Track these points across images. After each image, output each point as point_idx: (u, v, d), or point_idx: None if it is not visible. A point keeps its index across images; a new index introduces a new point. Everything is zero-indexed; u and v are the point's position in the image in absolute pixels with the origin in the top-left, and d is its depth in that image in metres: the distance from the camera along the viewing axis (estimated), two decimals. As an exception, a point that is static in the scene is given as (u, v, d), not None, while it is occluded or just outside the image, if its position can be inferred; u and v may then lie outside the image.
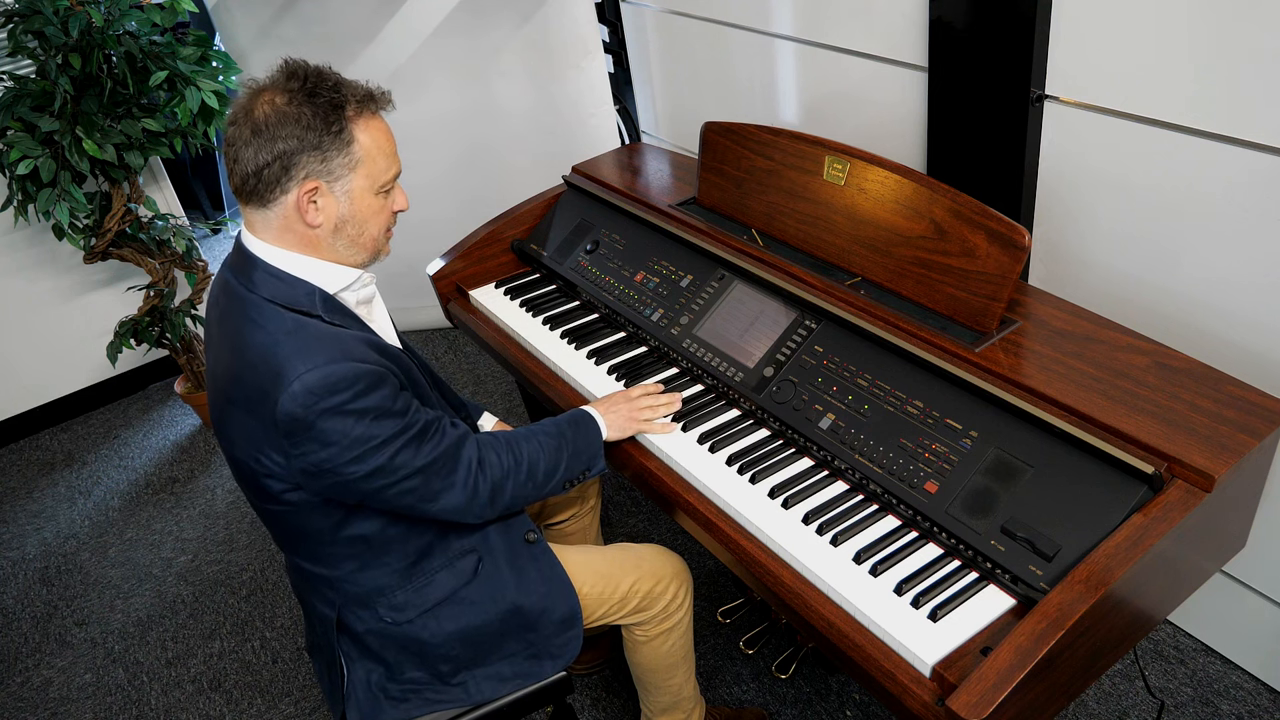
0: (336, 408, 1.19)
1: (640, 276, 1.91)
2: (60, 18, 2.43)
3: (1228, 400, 1.29)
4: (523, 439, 1.44)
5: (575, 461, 1.49)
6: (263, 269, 1.27)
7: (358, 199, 1.27)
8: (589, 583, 1.54)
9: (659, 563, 1.60)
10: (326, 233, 1.28)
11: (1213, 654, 1.93)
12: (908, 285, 1.57)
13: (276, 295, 1.26)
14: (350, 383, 1.20)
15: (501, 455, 1.40)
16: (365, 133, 1.25)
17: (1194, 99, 1.47)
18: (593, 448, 1.51)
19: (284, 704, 2.17)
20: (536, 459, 1.43)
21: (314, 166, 1.22)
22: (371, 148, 1.25)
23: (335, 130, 1.22)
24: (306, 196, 1.23)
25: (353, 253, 1.32)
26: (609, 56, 3.17)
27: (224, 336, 1.29)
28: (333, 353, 1.21)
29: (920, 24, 1.82)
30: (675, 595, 1.60)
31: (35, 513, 2.95)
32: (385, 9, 2.88)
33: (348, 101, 1.23)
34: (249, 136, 1.21)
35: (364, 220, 1.29)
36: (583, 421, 1.52)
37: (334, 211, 1.26)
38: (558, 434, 1.48)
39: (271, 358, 1.20)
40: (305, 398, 1.18)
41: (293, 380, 1.18)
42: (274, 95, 1.21)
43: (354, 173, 1.25)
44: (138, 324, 2.91)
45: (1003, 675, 1.04)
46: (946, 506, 1.30)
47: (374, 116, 1.27)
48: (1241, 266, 1.52)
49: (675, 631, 1.63)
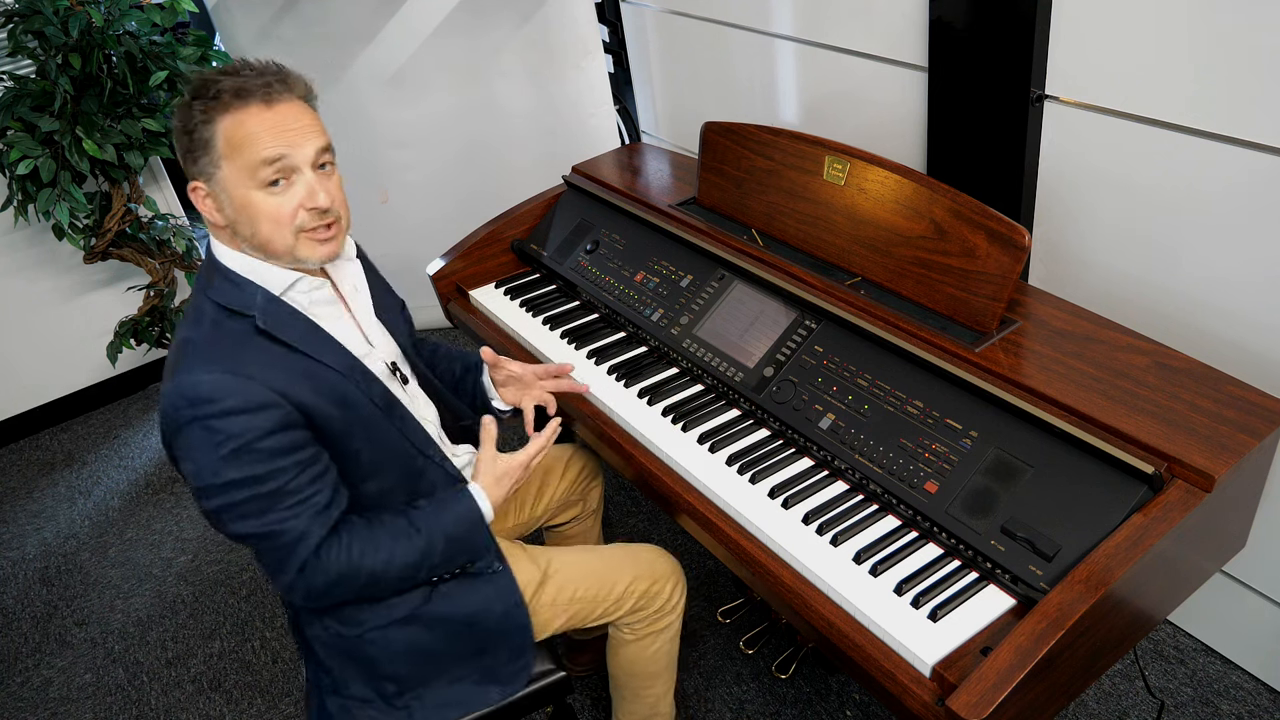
0: (199, 418, 1.16)
1: (640, 276, 1.91)
2: (60, 18, 2.43)
3: (1228, 400, 1.29)
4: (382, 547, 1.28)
5: (446, 565, 1.37)
6: (218, 270, 1.27)
7: (235, 197, 1.22)
8: (584, 584, 1.53)
9: (656, 563, 1.59)
10: (230, 234, 1.26)
11: (1213, 654, 1.93)
12: (908, 285, 1.57)
13: (221, 297, 1.25)
14: (221, 396, 1.16)
15: (343, 554, 1.26)
16: (229, 126, 1.19)
17: (1194, 99, 1.47)
18: (472, 550, 1.40)
19: (284, 704, 2.17)
20: (384, 570, 1.29)
21: (192, 168, 1.22)
22: (233, 139, 1.19)
23: (191, 129, 1.20)
24: (196, 197, 1.24)
25: (263, 255, 1.27)
26: (609, 56, 3.17)
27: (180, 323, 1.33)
28: (227, 362, 1.18)
29: (920, 24, 1.82)
30: (670, 596, 1.59)
31: (35, 513, 2.95)
32: (385, 9, 2.88)
33: (212, 96, 1.19)
34: None
35: (250, 220, 1.23)
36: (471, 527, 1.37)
37: (221, 211, 1.24)
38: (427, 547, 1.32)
39: (179, 356, 1.21)
40: (175, 399, 1.16)
41: (174, 377, 1.18)
42: (179, 101, 1.24)
43: (220, 170, 1.21)
44: (138, 324, 2.91)
45: (1003, 675, 1.05)
46: (946, 506, 1.30)
47: (246, 107, 1.19)
48: (1241, 266, 1.52)
49: (664, 635, 1.62)
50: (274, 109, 1.21)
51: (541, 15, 2.99)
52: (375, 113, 3.05)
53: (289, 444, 1.20)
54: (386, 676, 1.40)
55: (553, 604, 1.52)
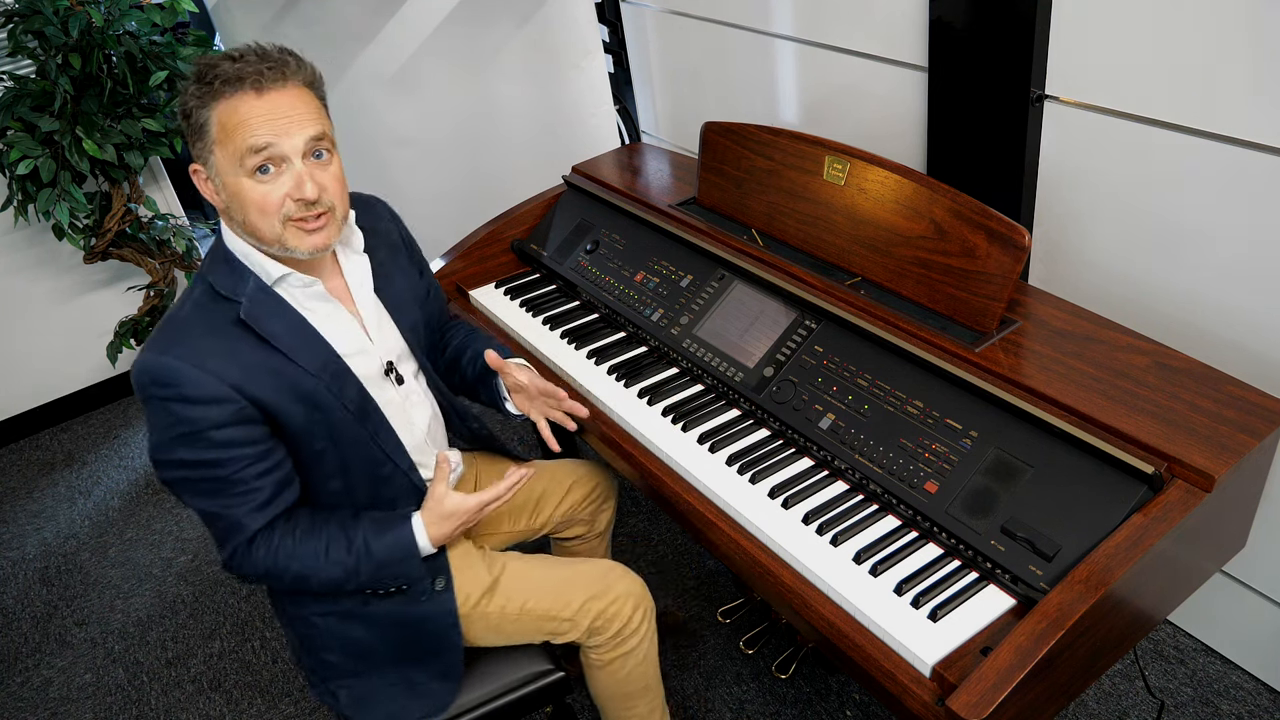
0: (159, 398, 1.21)
1: (640, 276, 1.91)
2: (60, 18, 2.43)
3: (1228, 400, 1.29)
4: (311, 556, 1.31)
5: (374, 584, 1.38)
6: (222, 254, 1.31)
7: (227, 183, 1.24)
8: (534, 597, 1.51)
9: (616, 583, 1.54)
10: (228, 218, 1.29)
11: (1213, 654, 1.93)
12: (908, 285, 1.57)
13: (216, 280, 1.28)
14: (173, 382, 1.20)
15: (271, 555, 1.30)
16: (223, 113, 1.21)
17: (1194, 99, 1.47)
18: (402, 578, 1.39)
19: (284, 704, 2.17)
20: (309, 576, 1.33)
21: (192, 151, 1.26)
22: (225, 126, 1.21)
23: (189, 113, 1.23)
24: (197, 179, 1.27)
25: (254, 242, 1.28)
26: (609, 56, 3.17)
27: None
28: (189, 350, 1.22)
29: (920, 24, 1.82)
30: (630, 619, 1.53)
31: (35, 513, 2.95)
32: (385, 8, 2.88)
33: (207, 81, 1.21)
34: None
35: (240, 207, 1.25)
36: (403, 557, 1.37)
37: (217, 195, 1.27)
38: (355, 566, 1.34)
39: (160, 327, 1.26)
40: (139, 374, 1.22)
41: (147, 352, 1.22)
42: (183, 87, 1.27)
43: (214, 155, 1.23)
44: (138, 324, 2.92)
45: (1003, 675, 1.05)
46: (946, 506, 1.30)
47: (238, 93, 1.20)
48: (1242, 266, 1.52)
49: (633, 658, 1.56)
50: (264, 97, 1.22)
51: (541, 15, 2.98)
52: (375, 113, 3.04)
53: (240, 437, 1.24)
54: (321, 660, 1.45)
55: (500, 613, 1.50)
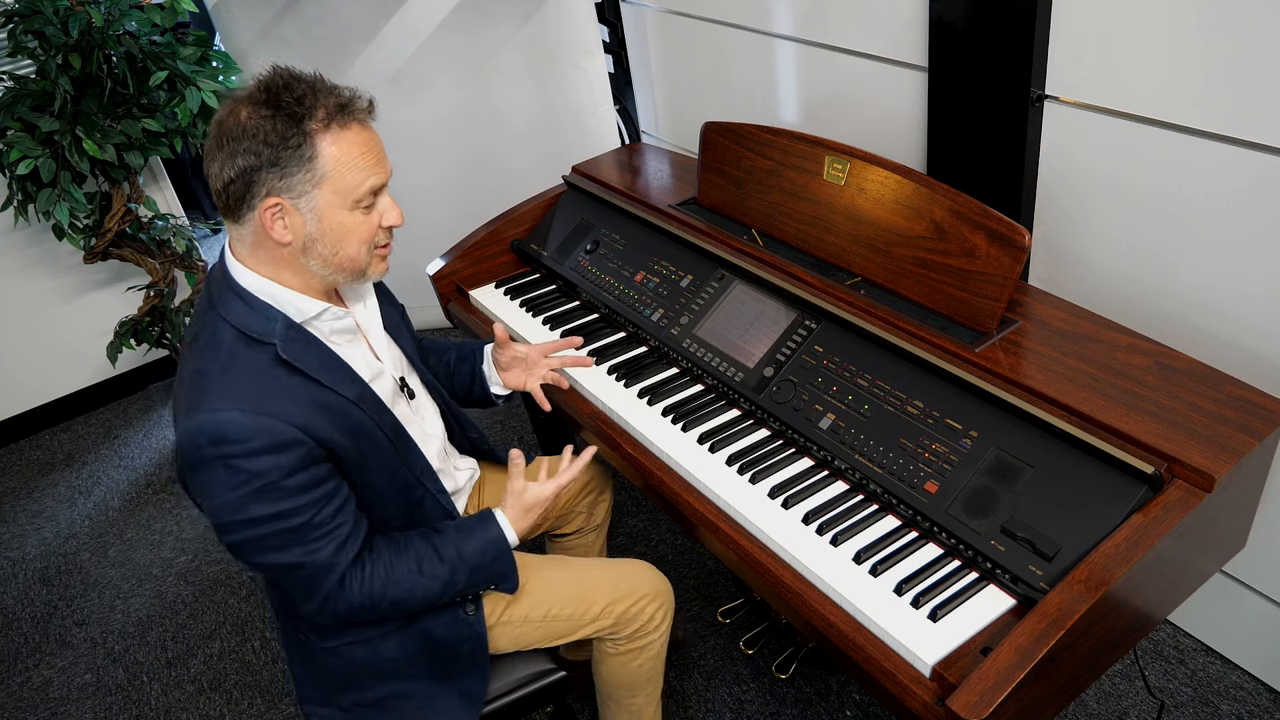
0: (222, 457, 1.13)
1: (640, 276, 1.91)
2: (60, 18, 2.43)
3: (1228, 400, 1.29)
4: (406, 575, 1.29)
5: (469, 590, 1.38)
6: (231, 288, 1.22)
7: (326, 216, 1.18)
8: (559, 604, 1.49)
9: (638, 583, 1.54)
10: (296, 251, 1.20)
11: (1213, 654, 1.93)
12: (908, 285, 1.57)
13: (239, 319, 1.20)
14: (246, 436, 1.13)
15: (366, 584, 1.27)
16: (334, 145, 1.16)
17: (1194, 99, 1.47)
18: (495, 577, 1.39)
19: (284, 704, 2.17)
20: (407, 598, 1.30)
21: (274, 183, 1.15)
22: (340, 161, 1.16)
23: (294, 145, 1.14)
24: (270, 214, 1.16)
25: (328, 272, 1.24)
26: (609, 56, 3.17)
27: (185, 345, 1.28)
28: (249, 400, 1.14)
29: (920, 24, 1.82)
30: (652, 617, 1.54)
31: (35, 513, 2.95)
32: (385, 9, 2.88)
33: (311, 113, 1.15)
34: (214, 151, 1.16)
35: (337, 239, 1.20)
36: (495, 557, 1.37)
37: (302, 230, 1.18)
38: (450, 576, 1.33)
39: (195, 387, 1.17)
40: (197, 437, 1.13)
41: (195, 414, 1.14)
42: (241, 108, 1.16)
43: (319, 189, 1.16)
44: (138, 324, 2.92)
45: (1003, 675, 1.05)
46: (946, 506, 1.30)
47: (346, 127, 1.17)
48: (1242, 266, 1.52)
49: (646, 652, 1.57)
50: (368, 129, 1.22)
51: (541, 15, 2.98)
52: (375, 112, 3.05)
53: (313, 479, 1.19)
54: (338, 687, 1.42)
55: (525, 620, 1.49)
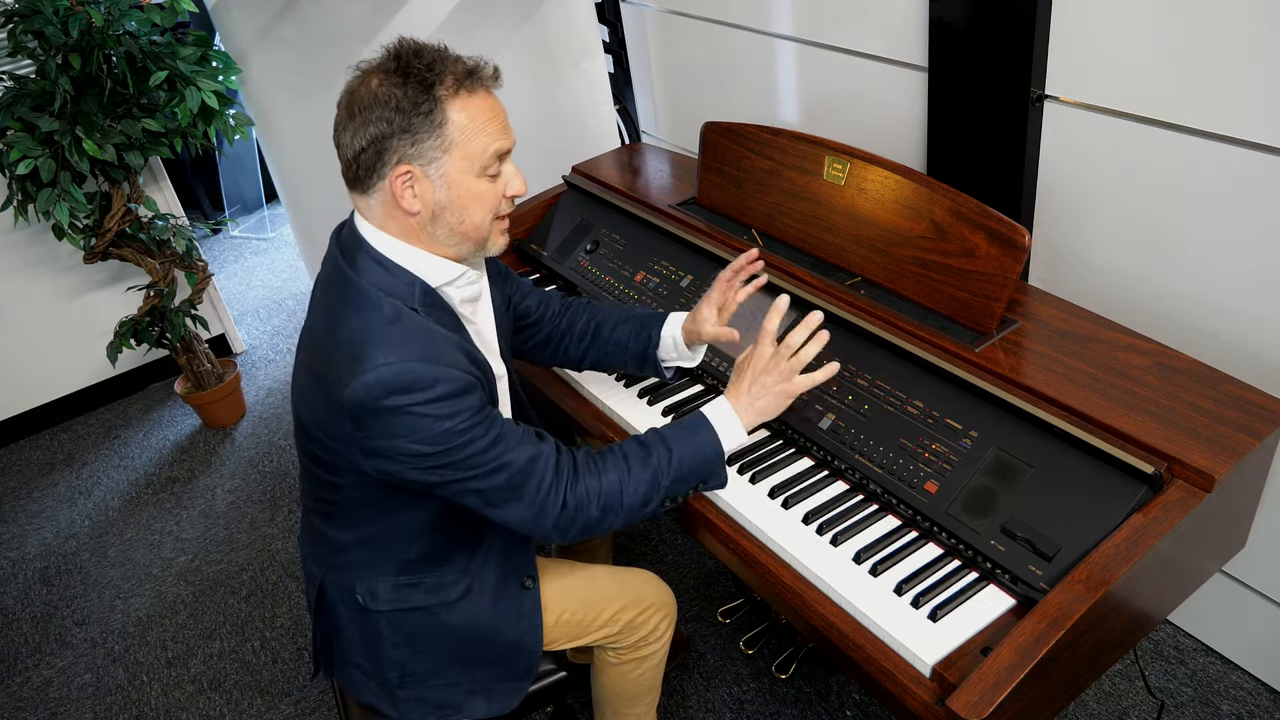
0: (405, 407, 1.14)
1: (640, 276, 1.91)
2: (60, 18, 2.43)
3: (1228, 400, 1.29)
4: (612, 466, 1.28)
5: (678, 486, 1.31)
6: (367, 253, 1.24)
7: (455, 183, 1.20)
8: (569, 609, 1.49)
9: (645, 592, 1.55)
10: (425, 220, 1.22)
11: (1213, 654, 1.93)
12: (908, 285, 1.57)
13: (378, 283, 1.22)
14: (427, 384, 1.15)
15: (580, 486, 1.26)
16: (461, 111, 1.17)
17: (1194, 99, 1.47)
18: (705, 468, 1.32)
19: (284, 704, 2.17)
20: (619, 491, 1.27)
21: (405, 150, 1.16)
22: (467, 127, 1.18)
23: (425, 111, 1.15)
24: (401, 181, 1.18)
25: (454, 242, 1.25)
26: (609, 56, 3.17)
27: (324, 306, 1.27)
28: (421, 351, 1.16)
29: (920, 24, 1.82)
30: (656, 627, 1.55)
31: (35, 513, 2.95)
32: (385, 9, 2.88)
33: (440, 79, 1.16)
34: (345, 121, 1.19)
35: (464, 206, 1.22)
36: (698, 434, 1.32)
37: (431, 197, 1.20)
38: (655, 459, 1.29)
39: (361, 343, 1.17)
40: (377, 389, 1.14)
41: (370, 370, 1.14)
42: (371, 77, 1.18)
43: (448, 155, 1.18)
44: (138, 324, 2.91)
45: (1003, 675, 1.05)
46: (946, 506, 1.30)
47: (474, 93, 1.19)
48: (1241, 266, 1.52)
49: (648, 662, 1.58)
50: (494, 97, 1.23)
51: (541, 15, 2.98)
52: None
53: (490, 413, 1.22)
54: (387, 661, 1.41)
55: None
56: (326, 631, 1.46)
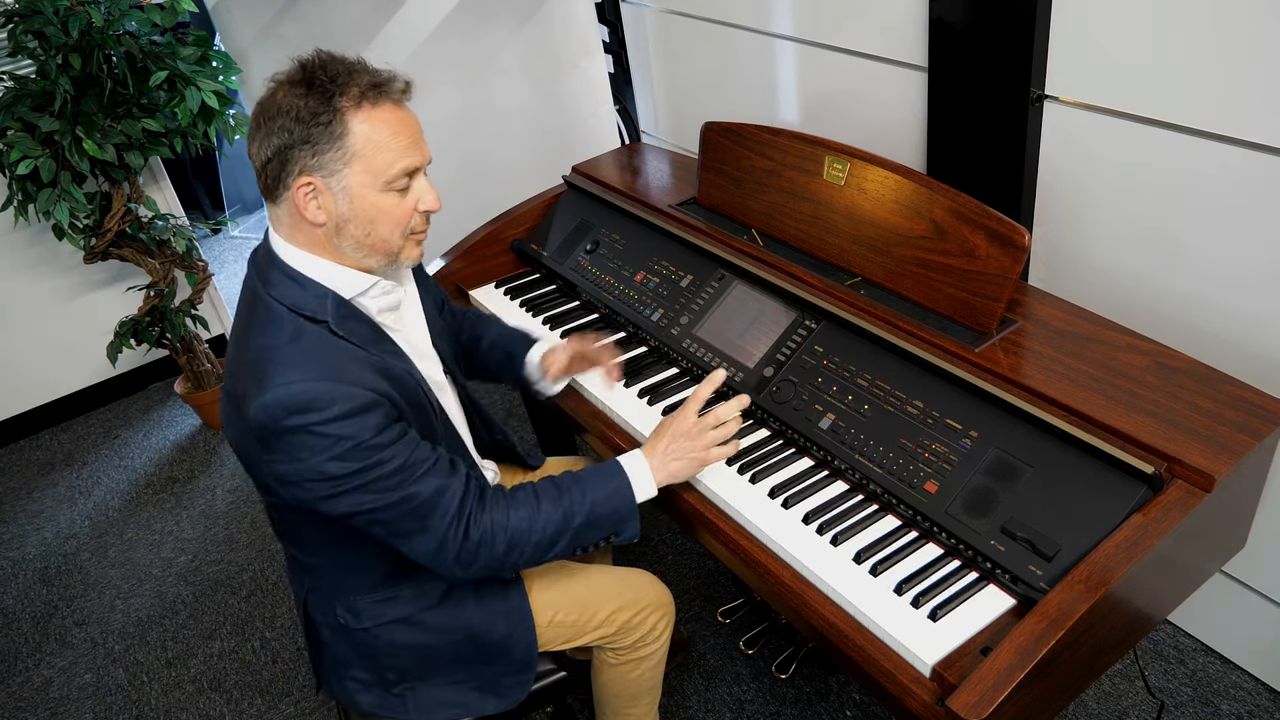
0: (305, 426, 1.12)
1: (640, 276, 1.91)
2: (60, 18, 2.43)
3: (1228, 400, 1.29)
4: (522, 502, 1.28)
5: (589, 531, 1.31)
6: (279, 268, 1.23)
7: (358, 196, 1.18)
8: (564, 610, 1.49)
9: (642, 593, 1.54)
10: (330, 232, 1.20)
11: (1213, 654, 1.93)
12: (908, 285, 1.57)
13: (287, 298, 1.21)
14: (325, 404, 1.12)
15: (484, 519, 1.25)
16: (364, 124, 1.15)
17: (1194, 99, 1.47)
18: (616, 516, 1.33)
19: (284, 704, 2.17)
20: (526, 528, 1.27)
21: (307, 161, 1.15)
22: (371, 140, 1.16)
23: (324, 121, 1.13)
24: (303, 193, 1.17)
25: (361, 255, 1.23)
26: (609, 56, 3.17)
27: (238, 324, 1.26)
28: (319, 370, 1.15)
29: (920, 24, 1.82)
30: (654, 628, 1.55)
31: (35, 513, 2.95)
32: (385, 9, 2.88)
33: (344, 90, 1.14)
34: (253, 131, 1.18)
35: (369, 220, 1.19)
36: (610, 481, 1.33)
37: (334, 209, 1.18)
38: (567, 499, 1.29)
39: (264, 362, 1.16)
40: (275, 410, 1.12)
41: (269, 390, 1.12)
42: (279, 88, 1.17)
43: (349, 167, 1.16)
44: (138, 324, 2.91)
45: (1003, 675, 1.04)
46: (946, 506, 1.30)
47: (378, 105, 1.17)
48: (1242, 266, 1.52)
49: (647, 662, 1.58)
50: (403, 109, 1.20)
51: (541, 15, 2.99)
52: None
53: (399, 432, 1.20)
54: (389, 666, 1.41)
55: None
56: (317, 651, 1.46)
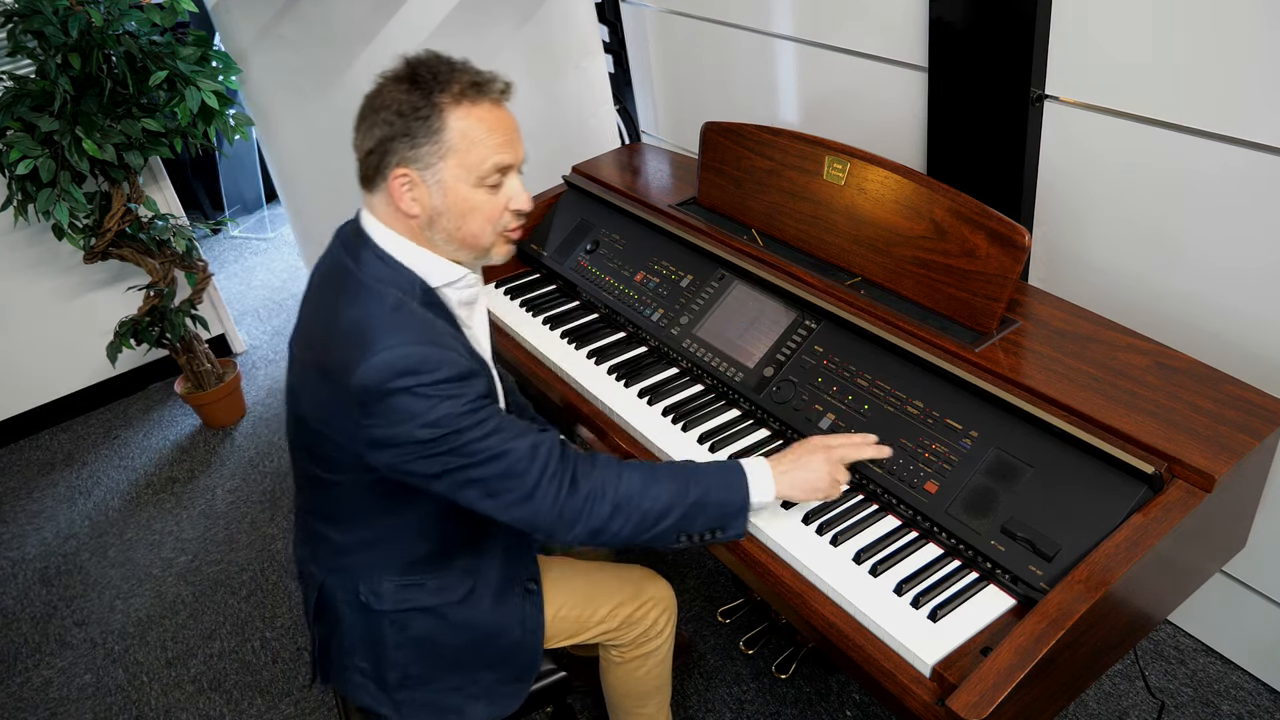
0: (409, 388, 1.16)
1: (640, 276, 1.91)
2: (60, 18, 2.43)
3: (1228, 400, 1.29)
4: (634, 469, 1.27)
5: (699, 513, 1.28)
6: (371, 249, 1.26)
7: (451, 190, 1.22)
8: (568, 604, 1.50)
9: (644, 587, 1.56)
10: (424, 223, 1.25)
11: (1213, 654, 1.93)
12: (908, 285, 1.57)
13: (379, 276, 1.24)
14: (433, 367, 1.16)
15: (594, 476, 1.25)
16: (462, 120, 1.20)
17: (1194, 99, 1.47)
18: (727, 507, 1.29)
19: (284, 704, 2.17)
20: (637, 493, 1.25)
21: (404, 153, 1.20)
22: (466, 136, 1.20)
23: (424, 116, 1.18)
24: (399, 184, 1.22)
25: (454, 248, 1.27)
26: (609, 56, 3.17)
27: (322, 302, 1.28)
28: (425, 335, 1.19)
29: (920, 24, 1.82)
30: (655, 622, 1.56)
31: (35, 513, 2.95)
32: (385, 9, 2.88)
33: (444, 88, 1.19)
34: (358, 123, 1.23)
35: (461, 214, 1.24)
36: (729, 473, 1.31)
37: (427, 201, 1.23)
38: (684, 475, 1.28)
39: (365, 330, 1.19)
40: (384, 371, 1.15)
41: (377, 353, 1.15)
42: (385, 83, 1.22)
43: (444, 161, 1.20)
44: (138, 324, 2.91)
45: (1003, 675, 1.05)
46: (946, 506, 1.30)
47: (476, 104, 1.21)
48: (1241, 266, 1.52)
49: (652, 658, 1.59)
50: (501, 109, 1.25)
51: (541, 15, 2.98)
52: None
53: (492, 402, 1.24)
54: (390, 663, 1.41)
55: None
56: (325, 635, 1.45)
